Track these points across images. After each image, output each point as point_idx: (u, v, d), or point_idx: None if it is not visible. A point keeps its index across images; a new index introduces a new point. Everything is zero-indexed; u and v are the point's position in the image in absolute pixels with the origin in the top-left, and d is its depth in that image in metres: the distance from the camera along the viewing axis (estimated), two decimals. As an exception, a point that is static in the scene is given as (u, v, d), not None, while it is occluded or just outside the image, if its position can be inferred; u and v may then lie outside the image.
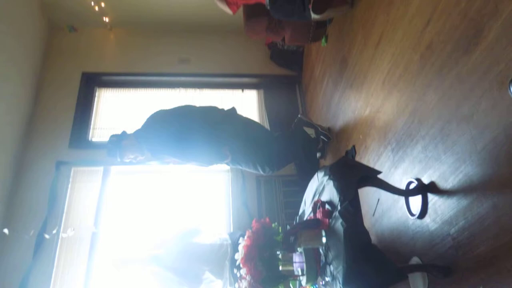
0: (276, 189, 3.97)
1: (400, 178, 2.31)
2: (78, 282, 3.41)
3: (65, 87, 4.31)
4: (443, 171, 1.91)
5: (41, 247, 3.47)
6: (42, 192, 3.69)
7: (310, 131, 3.73)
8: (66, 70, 4.41)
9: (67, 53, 4.52)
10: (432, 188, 1.99)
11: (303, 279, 2.08)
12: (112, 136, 3.04)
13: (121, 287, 3.38)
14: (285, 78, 4.75)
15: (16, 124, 3.84)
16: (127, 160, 3.06)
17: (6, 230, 3.23)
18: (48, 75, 4.37)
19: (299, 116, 3.82)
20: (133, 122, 4.27)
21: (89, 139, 4.15)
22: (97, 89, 4.43)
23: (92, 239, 3.59)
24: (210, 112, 3.29)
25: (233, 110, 3.41)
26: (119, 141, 3.00)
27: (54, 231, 3.46)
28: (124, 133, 3.07)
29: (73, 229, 3.47)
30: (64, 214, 3.66)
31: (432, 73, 2.02)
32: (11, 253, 3.41)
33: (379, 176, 2.07)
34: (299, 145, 3.59)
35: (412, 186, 2.14)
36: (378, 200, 2.56)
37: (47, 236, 3.42)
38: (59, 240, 3.54)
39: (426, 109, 2.07)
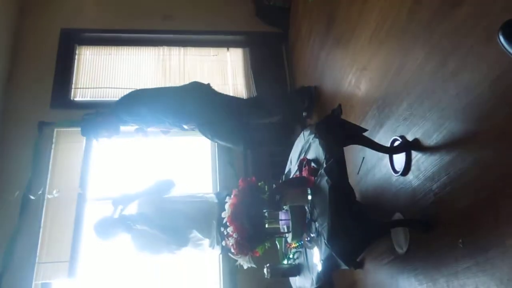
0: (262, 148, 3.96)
1: (385, 136, 2.32)
2: (66, 243, 3.43)
3: (43, 44, 4.16)
4: (427, 128, 1.91)
5: (27, 209, 3.45)
6: (25, 154, 3.64)
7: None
8: (45, 26, 4.24)
9: (45, 8, 4.31)
10: (416, 145, 2.00)
11: (289, 236, 2.12)
12: (86, 114, 3.13)
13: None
14: (271, 36, 4.64)
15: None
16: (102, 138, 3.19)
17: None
18: (26, 32, 4.19)
19: None
20: (115, 81, 4.20)
21: (71, 98, 4.05)
22: (77, 47, 4.28)
23: (78, 200, 3.58)
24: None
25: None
26: (93, 119, 3.11)
27: (40, 192, 3.45)
28: (98, 112, 3.19)
29: (58, 190, 3.46)
30: (49, 175, 3.63)
31: (420, 28, 1.98)
32: (-3, 215, 3.40)
33: (365, 134, 2.07)
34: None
35: (396, 144, 2.15)
36: (363, 158, 2.58)
37: (32, 197, 3.41)
38: (45, 201, 3.52)
39: (412, 65, 2.05)
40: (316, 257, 1.95)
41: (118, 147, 4.13)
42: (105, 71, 4.27)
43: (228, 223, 2.29)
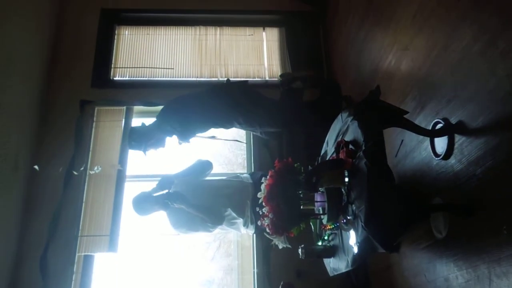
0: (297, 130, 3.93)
1: (426, 118, 2.25)
2: (107, 218, 3.56)
3: (85, 24, 4.25)
4: (472, 111, 1.84)
5: (70, 184, 3.60)
6: (68, 131, 3.77)
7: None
8: (86, 6, 4.33)
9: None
10: (460, 128, 1.94)
11: (324, 218, 2.12)
12: (132, 128, 3.32)
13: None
14: (308, 15, 4.55)
15: (38, 64, 3.84)
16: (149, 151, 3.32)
17: (36, 167, 3.36)
18: (68, 12, 4.29)
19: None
20: (152, 61, 4.26)
21: (111, 78, 4.15)
22: (117, 27, 4.35)
23: (118, 177, 3.70)
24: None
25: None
26: (139, 132, 3.24)
27: (82, 168, 3.58)
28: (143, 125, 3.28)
29: (100, 167, 3.58)
30: (90, 152, 3.76)
31: (467, 7, 1.89)
32: (43, 190, 3.56)
33: (405, 116, 2.02)
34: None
35: (438, 127, 2.09)
36: (402, 141, 2.53)
37: (75, 172, 3.55)
38: (87, 177, 3.66)
39: (458, 45, 1.97)
40: (352, 239, 1.94)
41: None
42: (143, 51, 4.33)
43: (264, 203, 2.31)
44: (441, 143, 2.08)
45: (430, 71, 2.24)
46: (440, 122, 2.08)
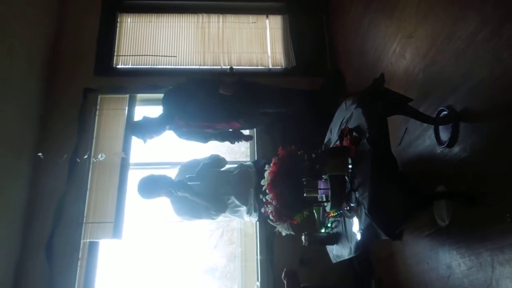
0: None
1: (430, 106, 2.25)
2: (111, 205, 3.58)
3: (87, 12, 4.24)
4: (477, 99, 1.84)
5: (74, 171, 3.62)
6: (72, 119, 3.77)
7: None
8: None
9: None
10: (465, 116, 1.94)
11: (327, 206, 2.13)
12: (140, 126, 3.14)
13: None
14: (311, 3, 4.52)
15: (41, 52, 3.84)
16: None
17: (40, 154, 3.38)
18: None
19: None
20: (155, 49, 4.25)
21: (113, 66, 4.13)
22: (119, 14, 4.33)
23: (121, 164, 3.71)
24: None
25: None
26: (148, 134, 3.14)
27: (86, 156, 3.59)
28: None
29: (103, 154, 3.59)
30: (94, 140, 3.76)
31: (474, -7, 1.88)
32: (47, 177, 3.57)
33: (409, 104, 2.02)
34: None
35: (443, 115, 2.09)
36: (406, 129, 2.53)
37: (79, 160, 3.56)
38: (91, 165, 3.68)
39: (463, 33, 1.95)
40: (355, 226, 1.95)
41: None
42: (145, 38, 4.30)
43: (267, 191, 2.32)
44: (445, 131, 2.08)
45: (435, 59, 2.23)
46: (444, 110, 2.08)
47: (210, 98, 3.15)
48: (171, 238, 4.08)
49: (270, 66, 4.33)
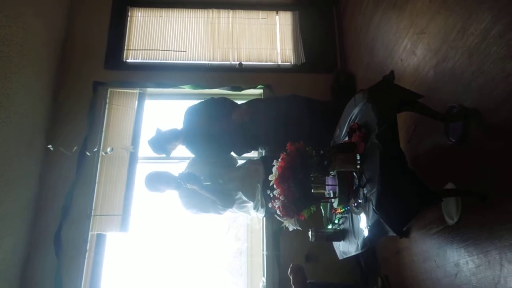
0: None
1: (440, 103, 2.22)
2: (119, 198, 3.61)
3: (98, 5, 4.26)
4: (489, 96, 1.82)
5: (84, 164, 3.65)
6: (81, 112, 3.80)
7: None
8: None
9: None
10: (475, 113, 1.91)
11: (335, 202, 2.12)
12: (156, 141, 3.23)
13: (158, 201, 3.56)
14: (321, -2, 4.51)
15: (52, 45, 3.86)
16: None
17: (50, 146, 3.41)
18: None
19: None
20: (165, 43, 4.26)
21: (124, 60, 4.15)
22: (130, 9, 4.34)
23: (130, 158, 3.73)
24: None
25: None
26: (165, 146, 3.23)
27: (95, 149, 3.62)
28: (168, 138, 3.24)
29: (112, 148, 3.61)
30: (103, 134, 3.79)
31: (488, -12, 1.85)
32: (56, 169, 3.61)
33: (419, 100, 2.00)
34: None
35: (453, 112, 2.06)
36: (416, 126, 2.51)
37: (88, 153, 3.59)
38: (100, 158, 3.70)
39: (476, 29, 1.93)
40: (363, 223, 1.94)
41: (170, 108, 4.27)
42: (155, 33, 4.32)
43: (275, 186, 2.32)
44: (455, 128, 2.06)
45: (447, 55, 2.21)
46: (455, 107, 2.05)
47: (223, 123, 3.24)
48: (177, 232, 4.09)
49: (279, 63, 4.32)
